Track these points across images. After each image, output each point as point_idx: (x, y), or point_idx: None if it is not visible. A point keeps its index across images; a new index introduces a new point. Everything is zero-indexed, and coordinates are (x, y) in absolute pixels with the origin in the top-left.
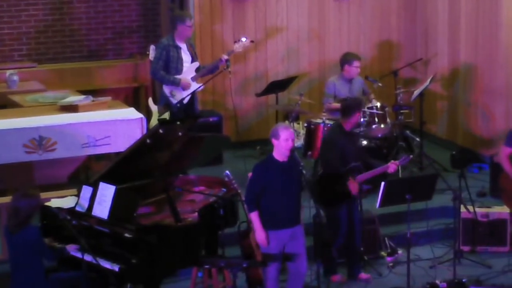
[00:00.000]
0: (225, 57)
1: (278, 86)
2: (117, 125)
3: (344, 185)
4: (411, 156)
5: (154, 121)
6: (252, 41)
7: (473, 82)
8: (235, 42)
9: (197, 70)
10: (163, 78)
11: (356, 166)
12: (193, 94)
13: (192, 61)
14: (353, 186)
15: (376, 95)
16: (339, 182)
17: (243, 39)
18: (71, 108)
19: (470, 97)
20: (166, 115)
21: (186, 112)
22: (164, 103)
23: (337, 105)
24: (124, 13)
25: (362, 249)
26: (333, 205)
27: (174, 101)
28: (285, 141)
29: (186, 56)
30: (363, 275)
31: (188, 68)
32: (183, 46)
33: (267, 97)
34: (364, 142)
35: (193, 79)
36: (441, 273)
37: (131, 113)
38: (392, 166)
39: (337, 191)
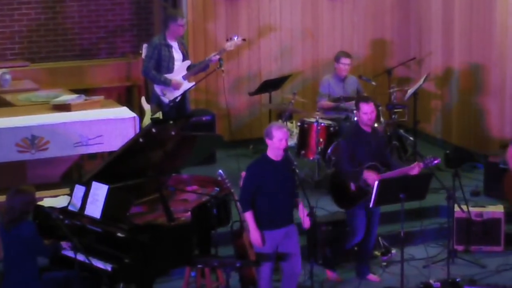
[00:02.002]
0: (217, 56)
1: (272, 85)
2: (110, 124)
3: (356, 182)
4: (439, 159)
5: (147, 120)
6: (244, 39)
7: (467, 81)
8: (226, 40)
9: (188, 68)
10: (154, 78)
11: (371, 166)
12: (184, 93)
13: (184, 59)
14: (371, 176)
15: (370, 94)
16: (349, 180)
17: (235, 38)
18: (64, 107)
19: (464, 96)
20: (159, 114)
21: (177, 111)
22: (155, 102)
23: (330, 103)
24: (117, 12)
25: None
26: (346, 203)
27: (165, 100)
28: (279, 141)
29: (177, 55)
30: (372, 276)
31: (180, 67)
32: (174, 45)
33: (260, 96)
34: None
35: (185, 77)
36: (435, 272)
37: (124, 112)
38: (416, 168)
39: (348, 190)
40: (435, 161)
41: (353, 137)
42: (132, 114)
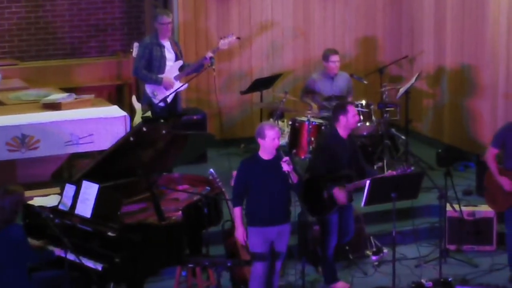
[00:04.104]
0: (210, 54)
1: (263, 83)
2: (101, 123)
3: (329, 191)
4: (412, 168)
5: (137, 119)
6: (238, 38)
7: (459, 79)
8: (220, 38)
9: (180, 68)
10: (145, 77)
11: (346, 174)
12: (176, 93)
13: (176, 59)
14: (340, 195)
15: (361, 93)
16: (324, 188)
17: (229, 36)
18: (54, 106)
19: (456, 94)
20: (150, 113)
21: (169, 112)
22: (147, 103)
23: (310, 102)
24: (108, 10)
25: (347, 247)
26: (319, 210)
27: (156, 101)
28: (272, 140)
29: (169, 55)
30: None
31: (172, 67)
32: (167, 44)
33: (251, 94)
34: None
35: (177, 78)
36: (427, 272)
37: (115, 111)
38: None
39: (322, 197)
40: (408, 171)
41: (331, 143)
42: (123, 113)
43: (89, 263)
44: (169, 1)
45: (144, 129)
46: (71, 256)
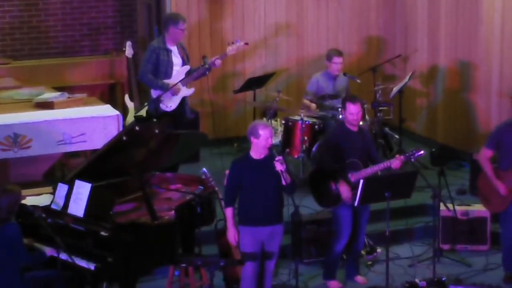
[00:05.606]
0: (219, 60)
1: (256, 82)
2: (93, 122)
3: (336, 184)
4: (423, 151)
5: (130, 118)
6: (246, 44)
7: (453, 78)
8: (229, 44)
9: (187, 73)
10: (151, 82)
11: (351, 162)
12: (183, 98)
13: (183, 64)
14: (344, 189)
15: (355, 92)
16: (330, 180)
17: (237, 42)
18: (47, 105)
19: (449, 93)
20: (143, 112)
21: (176, 118)
22: (153, 108)
23: (308, 102)
24: (100, 9)
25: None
26: (328, 202)
27: (163, 106)
28: (265, 140)
29: (176, 59)
30: (359, 278)
31: (178, 72)
32: (174, 49)
33: (244, 94)
34: None
35: (183, 83)
36: (421, 271)
37: (107, 110)
38: (396, 161)
39: (330, 189)
40: (418, 153)
41: (336, 136)
42: (115, 112)
43: (82, 263)
44: (162, 1)
45: (137, 128)
46: (64, 256)
